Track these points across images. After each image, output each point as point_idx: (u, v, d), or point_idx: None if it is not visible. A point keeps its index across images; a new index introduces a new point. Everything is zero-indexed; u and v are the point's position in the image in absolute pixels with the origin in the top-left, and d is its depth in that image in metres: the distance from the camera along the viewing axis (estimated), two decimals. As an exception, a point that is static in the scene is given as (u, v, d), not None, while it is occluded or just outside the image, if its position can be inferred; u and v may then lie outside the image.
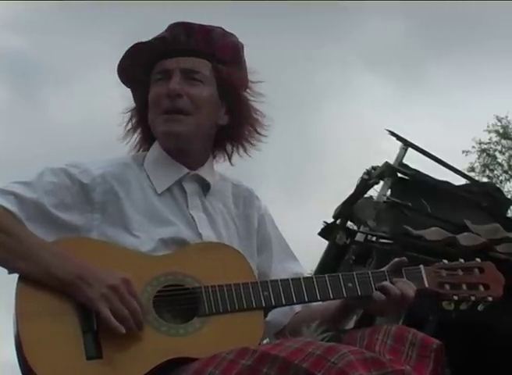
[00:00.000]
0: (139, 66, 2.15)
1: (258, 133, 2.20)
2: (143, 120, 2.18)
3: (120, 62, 2.17)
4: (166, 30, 2.15)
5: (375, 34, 27.94)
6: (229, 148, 2.22)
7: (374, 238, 5.27)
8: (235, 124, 2.17)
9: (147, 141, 2.21)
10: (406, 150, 5.96)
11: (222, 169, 2.25)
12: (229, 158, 2.24)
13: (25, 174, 2.04)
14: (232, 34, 2.19)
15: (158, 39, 2.14)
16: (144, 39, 2.16)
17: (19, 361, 1.83)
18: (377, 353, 1.76)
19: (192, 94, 2.09)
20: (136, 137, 2.22)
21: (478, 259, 2.16)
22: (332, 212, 5.77)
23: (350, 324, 2.15)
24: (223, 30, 2.18)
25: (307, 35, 28.34)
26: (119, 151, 2.22)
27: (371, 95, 28.76)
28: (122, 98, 2.23)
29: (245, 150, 2.22)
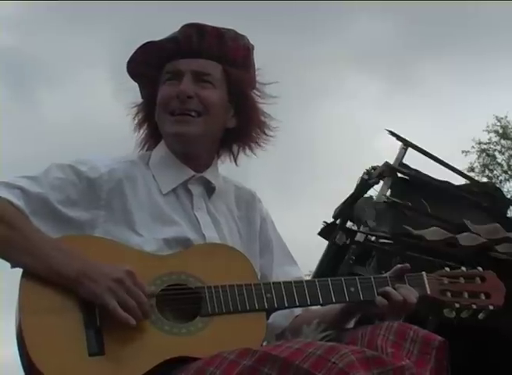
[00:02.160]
0: (149, 64, 2.15)
1: (266, 134, 2.20)
2: (149, 116, 2.18)
3: (131, 58, 2.17)
4: (179, 31, 2.14)
5: (365, 34, 27.99)
6: (235, 149, 2.23)
7: (374, 238, 5.27)
8: (242, 127, 2.18)
9: (153, 137, 2.21)
10: (406, 150, 5.96)
11: (221, 168, 2.24)
12: (235, 160, 2.24)
13: (16, 172, 2.04)
14: (243, 36, 2.19)
15: (171, 39, 2.14)
16: (136, 39, 2.17)
17: (21, 356, 1.83)
18: (379, 347, 1.77)
19: (202, 96, 2.09)
20: (142, 132, 2.22)
21: (480, 268, 2.17)
22: (329, 212, 5.77)
23: (350, 324, 2.14)
24: (235, 32, 2.18)
25: (296, 35, 28.40)
26: (113, 149, 2.22)
27: (365, 95, 28.82)
28: (113, 96, 2.23)
29: (251, 150, 2.22)
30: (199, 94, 2.09)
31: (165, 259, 1.96)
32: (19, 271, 1.91)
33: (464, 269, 2.15)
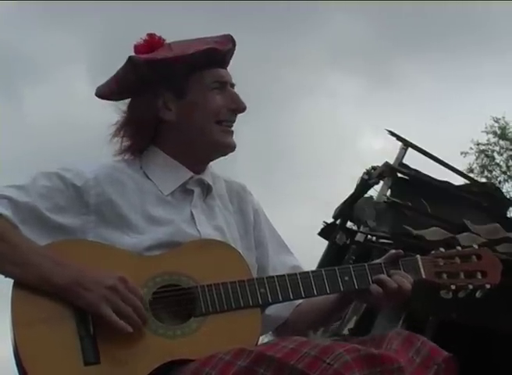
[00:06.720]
0: (189, 66, 2.07)
1: None
2: (141, 130, 2.11)
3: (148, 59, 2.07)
4: (221, 39, 2.12)
5: (344, 32, 28.01)
6: None
7: (374, 238, 5.27)
8: None
9: (136, 151, 2.14)
10: (406, 150, 5.97)
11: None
12: None
13: (6, 170, 2.02)
14: None
15: (224, 46, 2.11)
16: (116, 36, 2.12)
17: (18, 370, 1.82)
18: (385, 342, 1.77)
19: None
20: (139, 142, 2.14)
21: (476, 245, 2.17)
22: (318, 211, 5.78)
23: (350, 324, 2.14)
24: None
25: (274, 34, 28.44)
26: (95, 145, 2.19)
27: (345, 93, 28.85)
28: (90, 92, 2.17)
29: None
30: None
31: (156, 259, 1.94)
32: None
33: (459, 248, 2.15)
